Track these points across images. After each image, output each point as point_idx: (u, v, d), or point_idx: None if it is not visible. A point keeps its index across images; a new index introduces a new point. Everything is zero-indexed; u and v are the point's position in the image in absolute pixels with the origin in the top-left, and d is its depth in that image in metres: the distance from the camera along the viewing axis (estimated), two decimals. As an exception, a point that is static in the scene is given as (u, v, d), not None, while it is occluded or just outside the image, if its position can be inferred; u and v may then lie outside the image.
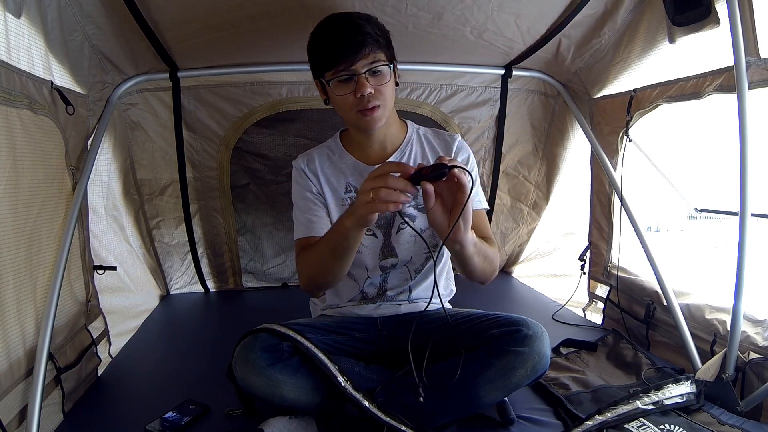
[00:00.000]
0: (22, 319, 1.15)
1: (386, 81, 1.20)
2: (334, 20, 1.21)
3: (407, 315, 1.38)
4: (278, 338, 1.17)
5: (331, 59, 1.17)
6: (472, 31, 1.67)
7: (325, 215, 1.35)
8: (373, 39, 1.16)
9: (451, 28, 1.63)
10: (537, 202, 2.44)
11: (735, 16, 1.19)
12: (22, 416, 1.11)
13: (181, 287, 2.38)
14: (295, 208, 1.39)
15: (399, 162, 1.08)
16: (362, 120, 1.22)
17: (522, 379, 1.14)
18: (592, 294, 2.09)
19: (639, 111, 1.67)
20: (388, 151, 1.35)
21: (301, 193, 1.37)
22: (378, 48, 1.18)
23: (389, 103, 1.24)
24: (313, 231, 1.32)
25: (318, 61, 1.21)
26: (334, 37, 1.17)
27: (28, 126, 1.17)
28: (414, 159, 1.36)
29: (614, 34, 1.66)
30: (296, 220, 1.38)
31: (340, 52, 1.15)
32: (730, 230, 1.35)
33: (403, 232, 1.35)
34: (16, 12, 1.08)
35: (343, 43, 1.15)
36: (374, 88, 1.18)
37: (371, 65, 1.17)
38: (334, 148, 1.39)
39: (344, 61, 1.15)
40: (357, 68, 1.16)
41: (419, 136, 1.39)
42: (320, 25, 1.22)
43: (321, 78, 1.23)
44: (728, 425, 1.19)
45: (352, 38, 1.15)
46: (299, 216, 1.37)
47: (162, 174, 2.12)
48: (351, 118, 1.24)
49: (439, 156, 1.04)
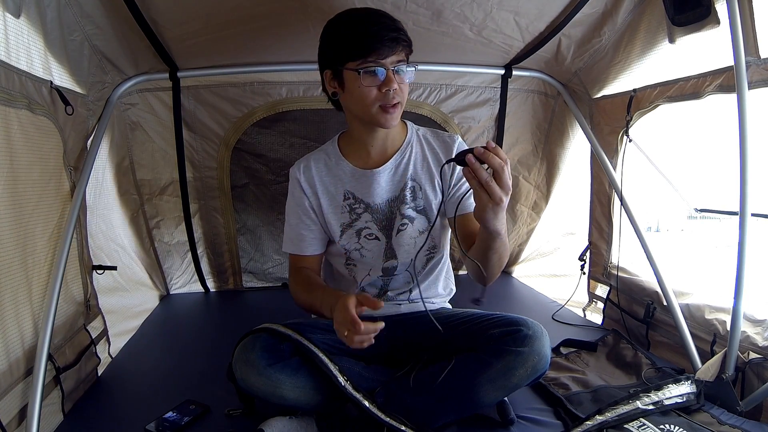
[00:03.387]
0: (19, 319, 1.15)
1: (407, 81, 1.21)
2: (366, 12, 1.21)
3: (407, 315, 1.38)
4: (278, 338, 1.18)
5: (363, 49, 1.14)
6: (472, 28, 1.67)
7: (314, 231, 1.36)
8: (405, 37, 1.17)
9: (450, 25, 1.63)
10: (537, 202, 2.44)
11: (735, 16, 1.18)
12: (22, 416, 1.11)
13: (181, 286, 2.38)
14: (287, 217, 1.40)
15: (364, 296, 1.08)
16: (382, 116, 1.21)
17: (522, 379, 1.14)
18: (592, 294, 2.09)
19: (639, 111, 1.67)
20: (389, 152, 1.35)
21: (292, 206, 1.38)
22: (407, 48, 1.19)
23: (404, 103, 1.25)
24: (301, 249, 1.37)
25: (344, 49, 1.17)
26: (368, 27, 1.15)
27: (26, 126, 1.17)
28: (414, 160, 1.35)
29: (614, 34, 1.66)
30: (286, 230, 1.40)
31: (375, 44, 1.14)
32: (730, 230, 1.35)
33: (403, 234, 1.35)
34: (15, 12, 1.08)
35: (378, 36, 1.14)
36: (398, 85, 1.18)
37: (398, 63, 1.17)
38: (331, 154, 1.38)
39: (376, 52, 1.14)
40: (386, 63, 1.16)
41: (419, 138, 1.39)
42: (349, 15, 1.21)
43: (341, 67, 1.19)
44: (728, 425, 1.19)
45: (388, 32, 1.14)
46: (289, 230, 1.39)
47: (162, 174, 2.12)
48: (369, 113, 1.21)
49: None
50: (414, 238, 1.35)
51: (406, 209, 1.34)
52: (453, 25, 1.64)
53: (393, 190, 1.35)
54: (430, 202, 1.35)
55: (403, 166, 1.35)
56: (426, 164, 1.36)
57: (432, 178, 1.35)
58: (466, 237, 1.27)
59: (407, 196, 1.34)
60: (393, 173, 1.35)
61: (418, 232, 1.35)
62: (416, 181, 1.35)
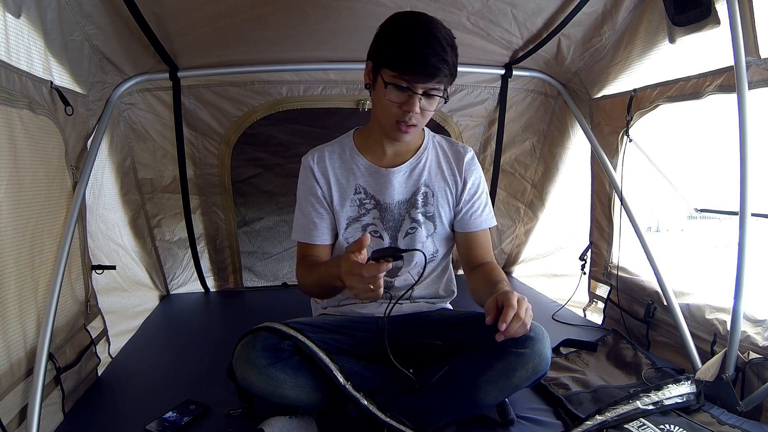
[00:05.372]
0: (23, 320, 1.15)
1: (434, 108, 1.22)
2: (423, 27, 1.15)
3: (409, 315, 1.38)
4: (279, 337, 1.17)
5: (401, 65, 1.14)
6: (469, 18, 1.67)
7: (326, 220, 1.36)
8: (448, 70, 1.15)
9: (447, 12, 1.62)
10: (533, 201, 2.44)
11: (735, 16, 1.19)
12: (22, 416, 1.11)
13: (181, 285, 2.38)
14: (298, 206, 1.39)
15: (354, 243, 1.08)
16: (395, 131, 1.23)
17: (522, 380, 1.14)
18: (593, 294, 2.09)
19: (639, 111, 1.67)
20: (405, 154, 1.37)
21: (304, 194, 1.38)
22: (445, 78, 1.16)
23: (424, 125, 1.27)
24: (312, 238, 1.36)
25: (387, 54, 1.17)
26: (417, 47, 1.12)
27: (28, 126, 1.17)
28: (429, 166, 1.37)
29: (614, 34, 1.66)
30: (296, 218, 1.39)
31: (415, 66, 1.13)
32: (730, 230, 1.35)
33: (412, 237, 1.36)
34: (15, 12, 1.08)
35: (421, 61, 1.12)
36: (421, 109, 1.18)
37: (430, 90, 1.17)
38: (346, 147, 1.39)
39: (412, 74, 1.14)
40: (418, 87, 1.16)
41: (434, 144, 1.40)
42: (411, 23, 1.18)
43: (379, 68, 1.19)
44: (728, 425, 1.19)
45: (430, 59, 1.12)
46: (300, 218, 1.38)
47: (163, 173, 2.13)
48: (386, 123, 1.24)
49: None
50: (422, 243, 1.36)
51: (417, 213, 1.35)
52: (449, 11, 1.62)
53: (406, 193, 1.36)
54: (440, 210, 1.37)
55: (418, 170, 1.36)
56: (440, 171, 1.37)
57: (444, 188, 1.37)
58: (468, 256, 1.35)
59: (419, 201, 1.35)
60: (408, 176, 1.36)
61: (425, 237, 1.37)
62: (429, 188, 1.36)
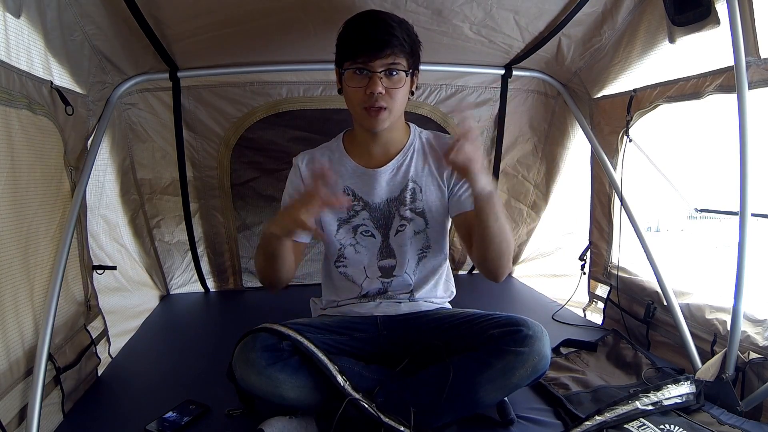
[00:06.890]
0: (20, 319, 1.15)
1: (399, 86, 1.21)
2: (367, 15, 1.23)
3: (407, 315, 1.38)
4: (278, 338, 1.18)
5: (352, 51, 1.19)
6: (472, 27, 1.67)
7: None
8: (398, 42, 1.17)
9: (450, 24, 1.63)
10: (536, 202, 2.44)
11: (735, 16, 1.19)
12: (22, 416, 1.11)
13: (182, 285, 2.38)
14: (282, 202, 1.41)
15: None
16: (366, 118, 1.23)
17: (522, 379, 1.14)
18: (593, 294, 2.09)
19: (639, 111, 1.67)
20: (391, 154, 1.36)
21: (290, 191, 1.39)
22: (401, 52, 1.19)
23: (397, 109, 1.25)
24: None
25: (341, 49, 1.23)
26: (361, 30, 1.19)
27: (26, 126, 1.17)
28: (415, 162, 1.36)
29: (614, 34, 1.66)
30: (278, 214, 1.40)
31: (362, 46, 1.17)
32: (730, 230, 1.35)
33: (402, 234, 1.36)
34: (15, 12, 1.08)
35: (368, 39, 1.17)
36: (386, 90, 1.19)
37: (388, 66, 1.18)
38: (335, 150, 1.40)
39: (363, 55, 1.17)
40: (374, 66, 1.17)
41: (421, 140, 1.40)
42: (355, 17, 1.24)
43: (340, 66, 1.25)
44: (728, 425, 1.19)
45: (377, 35, 1.16)
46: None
47: (162, 173, 2.12)
48: (357, 113, 1.26)
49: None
50: (411, 239, 1.36)
51: (405, 210, 1.35)
52: (453, 24, 1.64)
53: (393, 191, 1.35)
54: (430, 204, 1.36)
55: (404, 167, 1.36)
56: (428, 166, 1.37)
57: (434, 180, 1.36)
58: (469, 237, 1.29)
59: (407, 198, 1.35)
60: (394, 174, 1.36)
61: (414, 233, 1.36)
62: (417, 183, 1.36)
